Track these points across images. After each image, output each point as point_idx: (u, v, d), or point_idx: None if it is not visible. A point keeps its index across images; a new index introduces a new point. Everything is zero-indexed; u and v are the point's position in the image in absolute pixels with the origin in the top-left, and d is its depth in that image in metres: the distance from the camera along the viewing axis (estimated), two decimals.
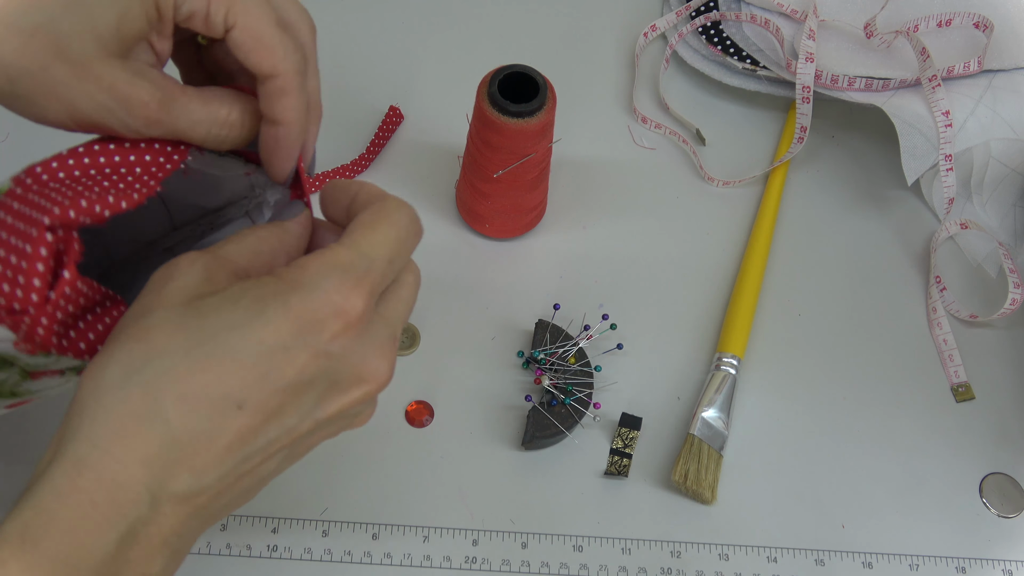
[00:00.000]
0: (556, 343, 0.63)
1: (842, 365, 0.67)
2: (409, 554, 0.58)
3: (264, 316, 0.35)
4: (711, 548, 0.60)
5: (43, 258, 0.37)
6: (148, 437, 0.34)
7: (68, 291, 0.38)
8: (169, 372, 0.34)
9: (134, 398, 0.34)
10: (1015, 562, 0.60)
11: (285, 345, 0.35)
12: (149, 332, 0.35)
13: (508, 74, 0.60)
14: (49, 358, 0.40)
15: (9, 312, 0.38)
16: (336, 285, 0.36)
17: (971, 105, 0.70)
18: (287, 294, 0.35)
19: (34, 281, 0.37)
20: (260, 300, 0.35)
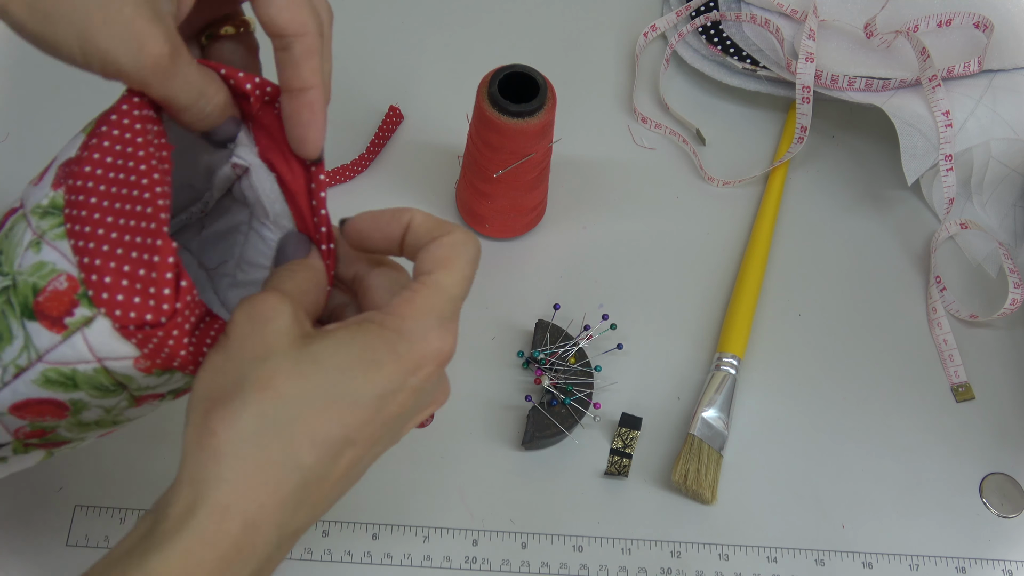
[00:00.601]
0: (556, 343, 0.63)
1: (842, 365, 0.67)
2: (409, 554, 0.58)
3: (377, 364, 0.38)
4: (711, 548, 0.60)
5: (170, 266, 0.37)
6: (286, 481, 0.36)
7: (189, 300, 0.38)
8: (299, 418, 0.36)
9: (272, 445, 0.36)
10: (1015, 562, 0.60)
11: (394, 388, 0.38)
12: (273, 380, 0.36)
13: (508, 74, 0.60)
14: (162, 377, 0.40)
15: (139, 326, 0.37)
16: (437, 333, 0.39)
17: (971, 105, 0.70)
18: (395, 343, 0.38)
19: (164, 291, 0.37)
20: (371, 348, 0.38)
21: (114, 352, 0.38)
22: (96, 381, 0.40)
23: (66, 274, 0.38)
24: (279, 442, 0.36)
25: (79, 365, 0.39)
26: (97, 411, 0.42)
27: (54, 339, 0.38)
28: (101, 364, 0.39)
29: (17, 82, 0.74)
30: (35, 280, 0.39)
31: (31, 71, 0.75)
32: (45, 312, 0.38)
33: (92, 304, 0.37)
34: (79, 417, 0.42)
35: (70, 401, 0.41)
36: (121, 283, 0.37)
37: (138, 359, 0.39)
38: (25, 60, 0.75)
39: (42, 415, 0.41)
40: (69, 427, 0.43)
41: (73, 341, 0.38)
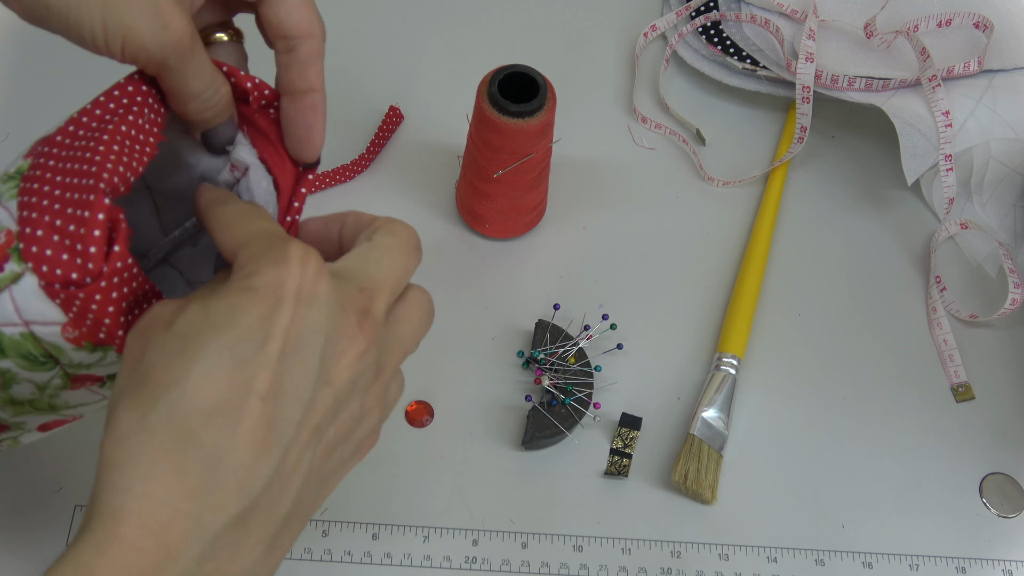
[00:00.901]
0: (556, 343, 0.63)
1: (842, 365, 0.67)
2: (409, 554, 0.58)
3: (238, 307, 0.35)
4: (711, 548, 0.60)
5: (100, 224, 0.36)
6: (187, 466, 0.33)
7: (120, 266, 0.37)
8: (183, 397, 0.33)
9: (160, 435, 0.33)
10: (1015, 562, 0.60)
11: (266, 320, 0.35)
12: (149, 372, 0.34)
13: (508, 74, 0.60)
14: (94, 354, 0.39)
15: (64, 285, 0.36)
16: (270, 257, 0.38)
17: (971, 105, 0.70)
18: (248, 279, 0.37)
19: (91, 249, 0.36)
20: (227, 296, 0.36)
21: (41, 315, 0.37)
22: (24, 348, 0.39)
23: (6, 230, 0.38)
24: (168, 429, 0.33)
25: (6, 328, 0.38)
26: (28, 387, 0.40)
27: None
28: (28, 328, 0.38)
29: (17, 82, 0.74)
30: None
31: (31, 71, 0.75)
32: None
33: (21, 258, 0.37)
34: (10, 392, 0.41)
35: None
36: (52, 238, 0.37)
37: (65, 326, 0.38)
38: (25, 60, 0.75)
39: None
40: (2, 403, 0.42)
41: (2, 299, 0.38)
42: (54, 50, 0.75)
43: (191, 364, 0.34)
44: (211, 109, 0.41)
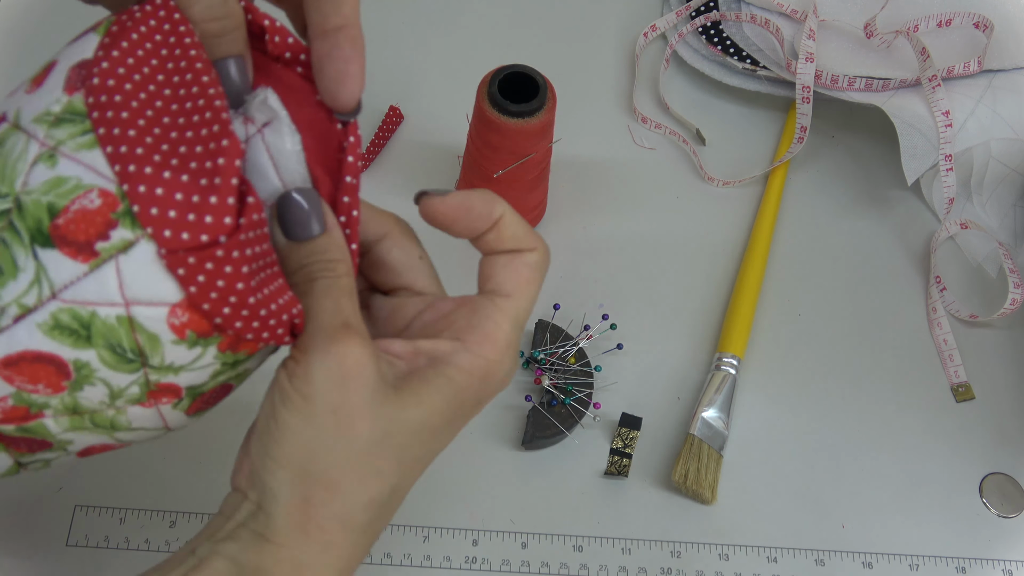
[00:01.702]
0: (556, 343, 0.63)
1: (842, 365, 0.67)
2: (409, 554, 0.58)
3: (463, 416, 0.39)
4: (711, 548, 0.60)
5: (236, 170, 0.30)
6: (373, 541, 0.39)
7: (256, 218, 0.31)
8: (398, 489, 0.38)
9: (376, 525, 0.38)
10: (1015, 562, 0.60)
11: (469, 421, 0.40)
12: (376, 463, 0.36)
13: (508, 74, 0.60)
14: (192, 351, 0.34)
15: (193, 249, 0.31)
16: (512, 369, 0.40)
17: (971, 105, 0.70)
18: (480, 391, 0.39)
19: (228, 200, 0.30)
20: (459, 404, 0.38)
21: (150, 292, 0.32)
22: (115, 337, 0.33)
23: (98, 189, 0.31)
24: (381, 519, 0.38)
25: (101, 308, 0.32)
26: (102, 390, 0.35)
27: (77, 270, 0.32)
28: (128, 310, 0.32)
29: (17, 82, 0.74)
30: (51, 199, 0.32)
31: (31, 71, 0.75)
32: (68, 237, 0.31)
33: (136, 223, 0.31)
34: (76, 396, 0.35)
35: (75, 364, 0.33)
36: (174, 196, 0.31)
37: (175, 308, 0.32)
38: (25, 60, 0.75)
39: (35, 380, 0.34)
40: (59, 413, 0.35)
41: (102, 273, 0.32)
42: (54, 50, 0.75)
43: (418, 463, 0.38)
44: (218, 21, 0.35)
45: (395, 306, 0.41)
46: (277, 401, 0.36)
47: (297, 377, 0.35)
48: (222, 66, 0.35)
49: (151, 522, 0.58)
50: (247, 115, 0.36)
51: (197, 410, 0.38)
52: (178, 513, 0.59)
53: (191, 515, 0.59)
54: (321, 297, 0.36)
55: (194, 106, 0.32)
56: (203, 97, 0.32)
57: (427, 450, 0.38)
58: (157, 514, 0.58)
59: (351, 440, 0.36)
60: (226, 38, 0.36)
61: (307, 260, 0.36)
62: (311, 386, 0.35)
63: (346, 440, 0.35)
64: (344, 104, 0.37)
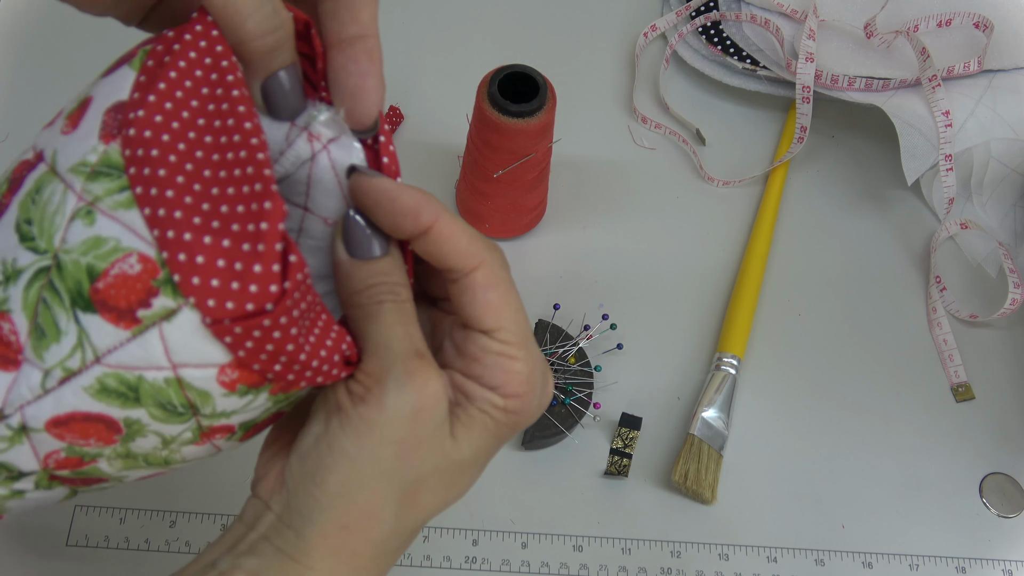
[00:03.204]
0: (556, 343, 0.63)
1: (842, 365, 0.67)
2: (409, 554, 0.58)
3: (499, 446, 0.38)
4: (711, 548, 0.60)
5: (280, 235, 0.29)
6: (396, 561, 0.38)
7: (300, 278, 0.30)
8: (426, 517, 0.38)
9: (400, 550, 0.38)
10: (1015, 562, 0.60)
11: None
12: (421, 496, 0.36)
13: (508, 74, 0.60)
14: (244, 398, 0.33)
15: (237, 319, 0.30)
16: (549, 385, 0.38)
17: (971, 105, 0.70)
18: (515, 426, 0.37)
19: (273, 267, 0.29)
20: (500, 440, 0.38)
21: (197, 356, 0.31)
22: (164, 397, 0.32)
23: (137, 253, 0.30)
24: (405, 545, 0.38)
25: (148, 372, 0.31)
26: (153, 440, 0.34)
27: (120, 336, 0.31)
28: (176, 373, 0.31)
29: (17, 82, 0.74)
30: (91, 261, 0.30)
31: (31, 71, 0.75)
32: (109, 303, 0.30)
33: (177, 292, 0.30)
34: (129, 446, 0.34)
35: (125, 421, 0.33)
36: (216, 263, 0.29)
37: (224, 368, 0.31)
38: (25, 60, 0.75)
39: (86, 436, 0.33)
40: (112, 458, 0.35)
41: (146, 339, 0.31)
42: (54, 50, 0.75)
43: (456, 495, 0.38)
44: (272, 33, 0.33)
45: (436, 321, 0.40)
46: (335, 426, 0.34)
47: (366, 404, 0.34)
48: (275, 79, 0.34)
49: (151, 522, 0.58)
50: (311, 132, 0.35)
51: (250, 437, 0.38)
52: (178, 513, 0.59)
53: (191, 515, 0.59)
54: (392, 323, 0.35)
55: (236, 158, 0.30)
56: (245, 148, 0.30)
57: (468, 482, 0.38)
58: (157, 514, 0.58)
59: (406, 473, 0.35)
60: (280, 50, 0.33)
61: (372, 281, 0.35)
62: (383, 414, 0.34)
63: (401, 473, 0.35)
64: (361, 121, 0.35)
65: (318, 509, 0.35)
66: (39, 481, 0.35)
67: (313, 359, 0.32)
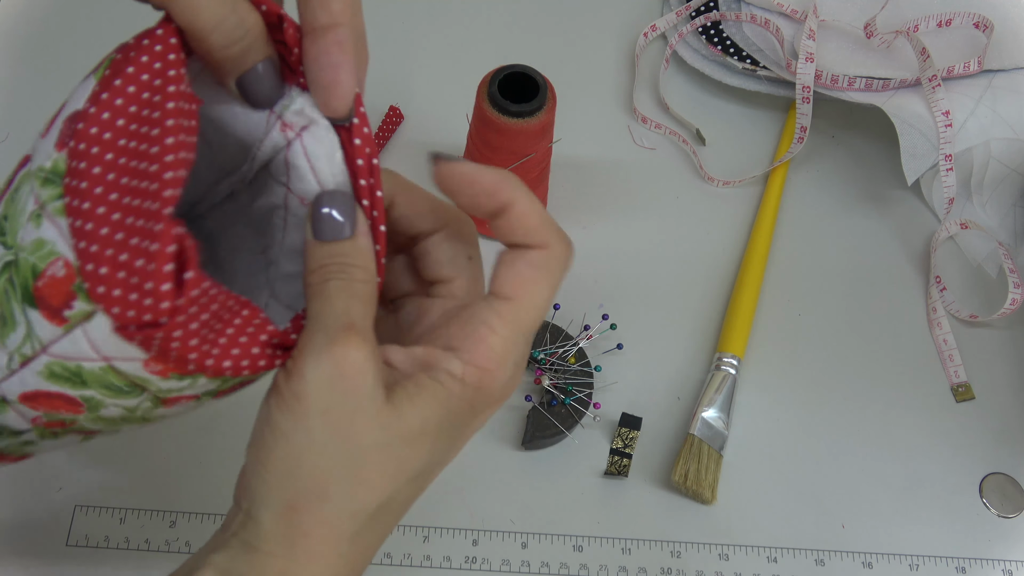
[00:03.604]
0: (556, 343, 0.63)
1: (842, 365, 0.67)
2: (409, 554, 0.58)
3: (460, 429, 0.37)
4: (711, 548, 0.60)
5: (170, 256, 0.31)
6: (367, 557, 0.38)
7: (196, 293, 0.32)
8: (392, 503, 0.37)
9: (367, 538, 0.37)
10: (1015, 562, 0.60)
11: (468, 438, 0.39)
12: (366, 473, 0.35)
13: (508, 74, 0.60)
14: (184, 381, 0.35)
15: (140, 327, 0.32)
16: (513, 383, 0.38)
17: (971, 105, 0.70)
18: (476, 402, 0.36)
19: (163, 286, 0.31)
20: (457, 416, 0.36)
21: (120, 352, 0.33)
22: (106, 380, 0.35)
23: (63, 259, 0.33)
24: (372, 532, 0.37)
25: (84, 362, 0.34)
26: (116, 410, 0.37)
27: (55, 331, 0.34)
28: (108, 363, 0.34)
29: (17, 82, 0.74)
30: (34, 261, 0.33)
31: (31, 71, 0.75)
32: (45, 300, 0.33)
33: (89, 298, 0.33)
34: (98, 414, 0.37)
35: (82, 398, 0.36)
36: (117, 276, 0.32)
37: (147, 361, 0.34)
38: (25, 60, 0.75)
39: (55, 408, 0.37)
40: (91, 421, 0.38)
41: (74, 336, 0.33)
42: (54, 50, 0.75)
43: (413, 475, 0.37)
44: (238, 43, 0.34)
45: (422, 309, 0.40)
46: (272, 404, 0.35)
47: (292, 376, 0.34)
48: (246, 76, 0.35)
49: (151, 522, 0.58)
50: (284, 121, 0.36)
51: (224, 396, 0.39)
52: (178, 513, 0.59)
53: (191, 515, 0.59)
54: (331, 299, 0.35)
55: (147, 171, 0.32)
56: (158, 162, 0.32)
57: (424, 463, 0.36)
58: (157, 514, 0.58)
59: (340, 445, 0.34)
60: (249, 52, 0.34)
61: (326, 261, 0.36)
62: (304, 385, 0.34)
63: (335, 444, 0.34)
64: (335, 112, 0.36)
65: (266, 490, 0.35)
66: (41, 434, 0.39)
67: (228, 354, 0.34)
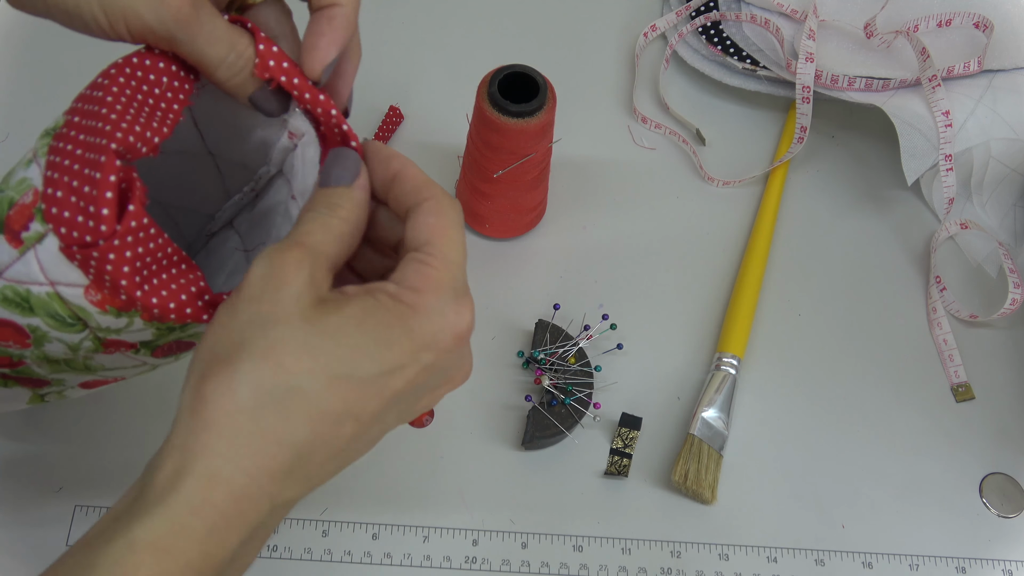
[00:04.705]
0: (556, 343, 0.63)
1: (842, 365, 0.67)
2: (409, 554, 0.58)
3: (389, 343, 0.37)
4: (711, 548, 0.60)
5: (112, 184, 0.36)
6: (280, 455, 0.36)
7: (134, 225, 0.37)
8: (301, 395, 0.36)
9: (269, 420, 0.35)
10: (1015, 562, 0.60)
11: (403, 364, 0.37)
12: (277, 352, 0.36)
13: (508, 74, 0.60)
14: (119, 319, 0.39)
15: (80, 246, 0.37)
16: (452, 308, 0.38)
17: (971, 105, 0.70)
18: (409, 319, 0.37)
19: (103, 211, 0.36)
20: (385, 325, 0.37)
21: (63, 276, 0.38)
22: (51, 308, 0.39)
23: (34, 188, 0.38)
24: (275, 416, 0.35)
25: (33, 286, 0.39)
26: (59, 346, 0.41)
27: (12, 254, 0.38)
28: (53, 288, 0.38)
29: (17, 82, 0.74)
30: (12, 195, 0.39)
31: (31, 72, 0.75)
32: (9, 225, 0.38)
33: (43, 219, 0.37)
34: (43, 349, 0.41)
35: (28, 327, 0.40)
36: (69, 199, 0.37)
37: (88, 288, 0.38)
38: (25, 60, 0.75)
39: (4, 339, 0.41)
40: (36, 360, 0.42)
41: (27, 258, 0.38)
42: (54, 50, 0.75)
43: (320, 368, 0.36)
44: (240, 74, 0.41)
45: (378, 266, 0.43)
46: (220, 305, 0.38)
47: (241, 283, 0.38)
48: (254, 97, 0.42)
49: None
50: (290, 129, 0.44)
51: (164, 356, 0.43)
52: None
53: None
54: (301, 222, 0.39)
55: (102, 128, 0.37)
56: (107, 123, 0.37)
57: (348, 367, 0.36)
58: None
59: (259, 327, 0.36)
60: (251, 79, 0.41)
61: (320, 199, 0.40)
62: (244, 280, 0.37)
63: (254, 326, 0.36)
64: (310, 72, 0.42)
65: (189, 371, 0.37)
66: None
67: (157, 293, 0.39)
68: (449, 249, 0.39)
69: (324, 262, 0.38)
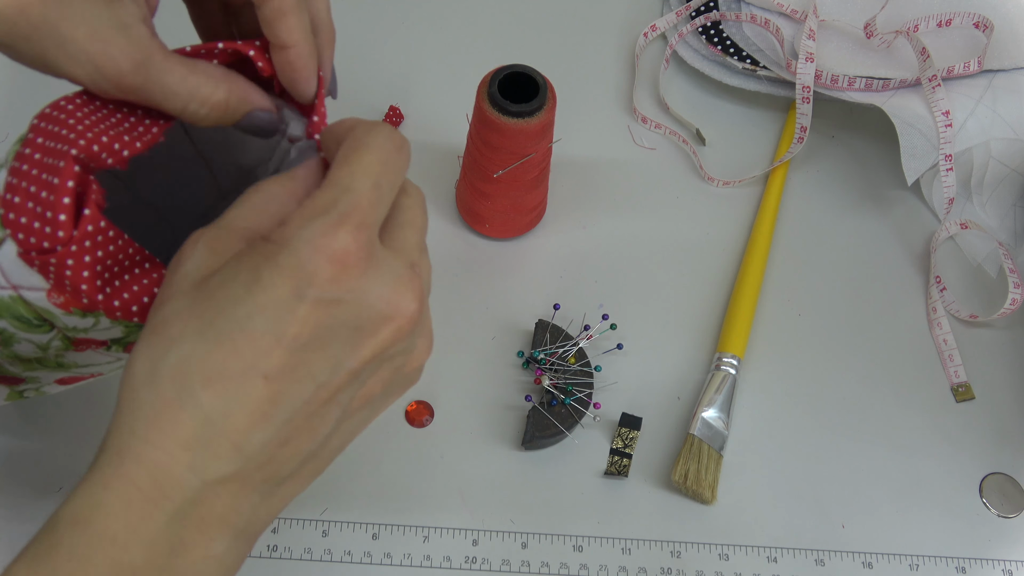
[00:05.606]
0: (556, 343, 0.63)
1: (842, 365, 0.67)
2: (409, 554, 0.58)
3: (260, 283, 0.34)
4: (711, 548, 0.60)
5: (70, 190, 0.36)
6: (183, 421, 0.34)
7: (91, 229, 0.37)
8: (189, 357, 0.34)
9: (164, 387, 0.35)
10: (1015, 562, 0.60)
11: (286, 304, 0.34)
12: (165, 323, 0.35)
13: (508, 74, 0.60)
14: (85, 319, 0.39)
15: (38, 252, 0.37)
16: (321, 230, 0.34)
17: (971, 105, 0.70)
18: (276, 254, 0.34)
19: (60, 216, 0.36)
20: (254, 268, 0.35)
21: (25, 280, 0.38)
22: (15, 311, 0.39)
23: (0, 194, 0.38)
24: (171, 383, 0.34)
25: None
26: (29, 346, 0.41)
27: None
28: (17, 292, 0.39)
29: (17, 82, 0.74)
30: None
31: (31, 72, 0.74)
32: None
33: (2, 224, 0.38)
34: (13, 349, 0.42)
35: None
36: (27, 204, 0.37)
37: (50, 292, 0.38)
38: None
39: None
40: (9, 359, 0.43)
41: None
42: None
43: (205, 327, 0.35)
44: (207, 117, 0.41)
45: None
46: None
47: None
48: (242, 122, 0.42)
49: None
50: (290, 136, 0.44)
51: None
52: None
53: None
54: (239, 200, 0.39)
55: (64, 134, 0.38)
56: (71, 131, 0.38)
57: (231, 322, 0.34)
58: None
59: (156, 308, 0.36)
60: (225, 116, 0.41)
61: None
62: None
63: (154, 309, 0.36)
64: (301, 98, 0.43)
65: None
66: None
67: (119, 295, 0.39)
68: (340, 173, 0.36)
69: (232, 233, 0.37)
